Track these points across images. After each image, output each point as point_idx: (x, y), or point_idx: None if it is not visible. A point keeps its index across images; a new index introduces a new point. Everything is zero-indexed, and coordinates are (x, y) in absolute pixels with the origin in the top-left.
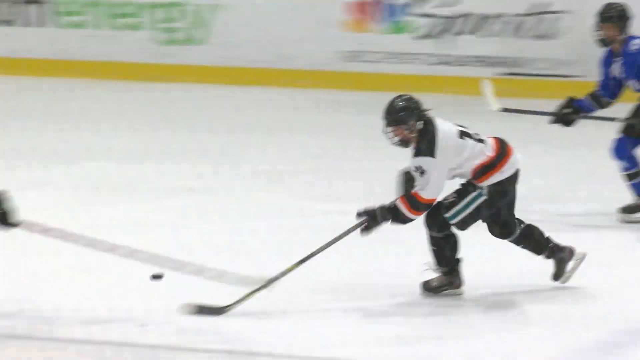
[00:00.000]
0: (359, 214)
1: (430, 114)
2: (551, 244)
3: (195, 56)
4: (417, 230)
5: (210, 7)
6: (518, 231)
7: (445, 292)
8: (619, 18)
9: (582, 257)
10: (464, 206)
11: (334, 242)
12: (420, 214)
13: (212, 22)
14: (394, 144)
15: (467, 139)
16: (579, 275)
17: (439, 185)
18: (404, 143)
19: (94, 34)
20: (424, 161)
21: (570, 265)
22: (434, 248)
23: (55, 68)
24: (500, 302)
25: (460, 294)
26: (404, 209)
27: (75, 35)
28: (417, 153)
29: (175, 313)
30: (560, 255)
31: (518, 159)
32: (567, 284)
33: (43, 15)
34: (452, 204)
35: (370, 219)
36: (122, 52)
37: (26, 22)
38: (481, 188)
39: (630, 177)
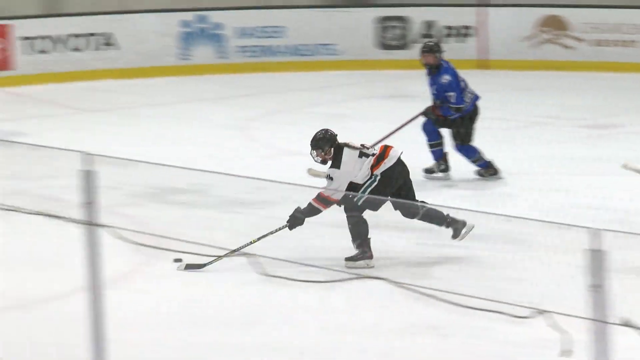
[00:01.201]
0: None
1: (342, 142)
2: (449, 218)
3: None
4: None
5: None
6: (421, 212)
7: (360, 262)
8: None
9: (471, 227)
10: (363, 190)
11: (270, 234)
12: (326, 207)
13: None
14: (316, 162)
15: (364, 157)
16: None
17: (341, 187)
18: (323, 162)
19: None
20: (332, 171)
21: (464, 230)
22: (350, 226)
23: None
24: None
25: (371, 266)
26: (315, 205)
27: None
28: (330, 166)
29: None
30: (456, 225)
31: (396, 154)
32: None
33: None
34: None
35: (292, 220)
36: None
37: None
38: (374, 175)
39: None
